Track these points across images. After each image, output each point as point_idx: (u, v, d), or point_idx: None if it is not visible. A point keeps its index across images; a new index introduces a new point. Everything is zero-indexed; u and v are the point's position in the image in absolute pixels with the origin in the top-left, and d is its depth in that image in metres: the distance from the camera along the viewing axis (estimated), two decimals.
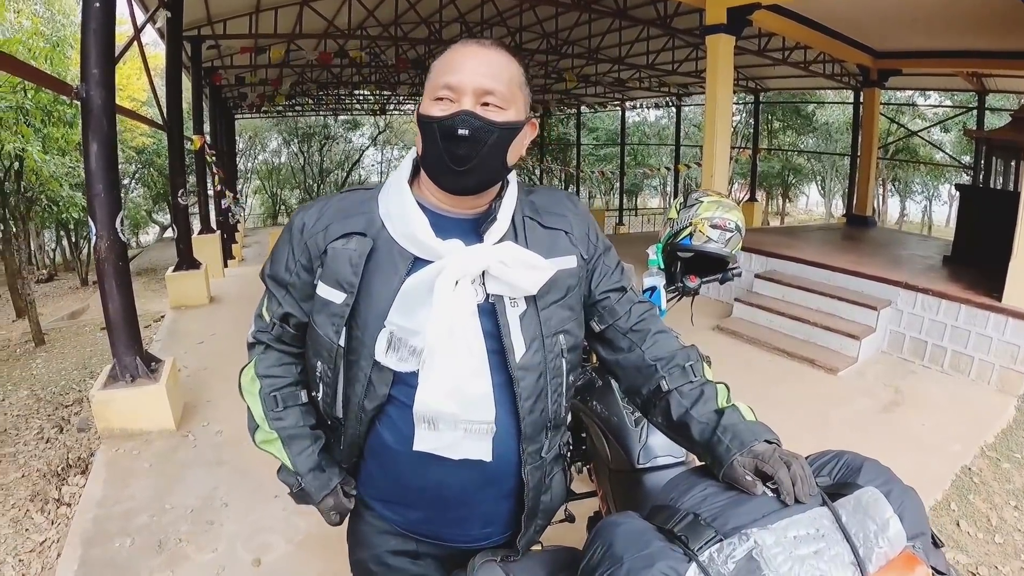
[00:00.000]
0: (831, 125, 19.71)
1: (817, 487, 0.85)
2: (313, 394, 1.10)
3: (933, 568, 0.79)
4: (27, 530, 3.14)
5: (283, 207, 30.33)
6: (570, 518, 1.22)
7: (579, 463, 2.08)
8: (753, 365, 4.95)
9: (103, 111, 3.45)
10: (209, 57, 10.57)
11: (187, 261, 7.35)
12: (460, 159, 0.92)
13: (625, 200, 22.15)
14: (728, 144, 7.19)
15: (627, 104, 18.45)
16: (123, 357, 3.86)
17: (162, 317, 7.17)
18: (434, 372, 0.92)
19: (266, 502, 2.86)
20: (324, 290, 0.98)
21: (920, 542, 0.81)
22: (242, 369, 1.14)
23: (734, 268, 2.07)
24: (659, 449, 1.57)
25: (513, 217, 1.00)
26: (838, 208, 22.73)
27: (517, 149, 0.99)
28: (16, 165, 8.70)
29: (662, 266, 1.94)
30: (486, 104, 0.92)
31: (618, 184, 21.07)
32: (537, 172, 24.77)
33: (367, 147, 31.39)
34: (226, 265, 10.13)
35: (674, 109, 17.70)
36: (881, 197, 21.91)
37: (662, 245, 2.01)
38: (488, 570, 0.97)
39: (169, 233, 22.62)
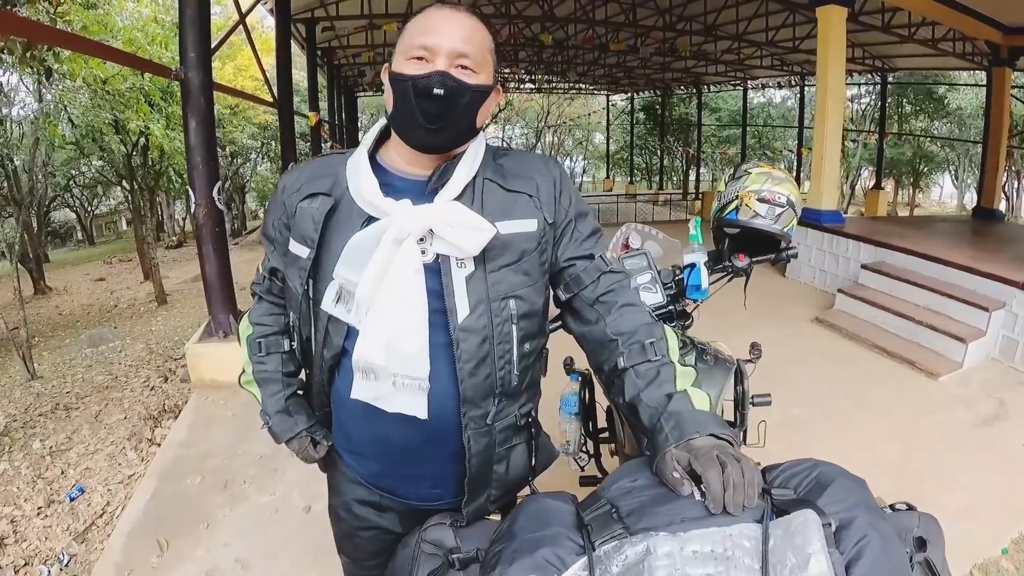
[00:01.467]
0: (964, 110, 17.78)
1: (765, 500, 0.73)
2: (292, 344, 1.15)
3: None
4: (120, 464, 3.50)
5: None
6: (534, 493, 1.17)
7: (612, 445, 2.02)
8: (849, 362, 4.63)
9: (200, 91, 3.75)
10: (326, 38, 11.11)
11: None
12: (432, 117, 0.93)
13: None
14: (840, 125, 6.72)
15: (749, 84, 17.55)
16: (217, 315, 4.19)
17: None
18: (371, 324, 0.93)
19: None
20: (294, 246, 1.03)
21: None
22: (242, 317, 1.23)
23: (790, 249, 1.86)
24: None
25: (474, 179, 0.99)
26: (973, 200, 20.56)
27: (485, 112, 0.99)
28: (143, 141, 9.59)
29: (701, 241, 1.79)
30: (460, 67, 0.93)
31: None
32: (657, 152, 24.27)
33: (488, 124, 31.89)
34: None
35: (799, 90, 16.57)
36: (1011, 189, 19.56)
37: (700, 221, 1.85)
38: (437, 531, 0.96)
39: None
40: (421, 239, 0.94)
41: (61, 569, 2.63)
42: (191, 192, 3.92)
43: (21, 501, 3.23)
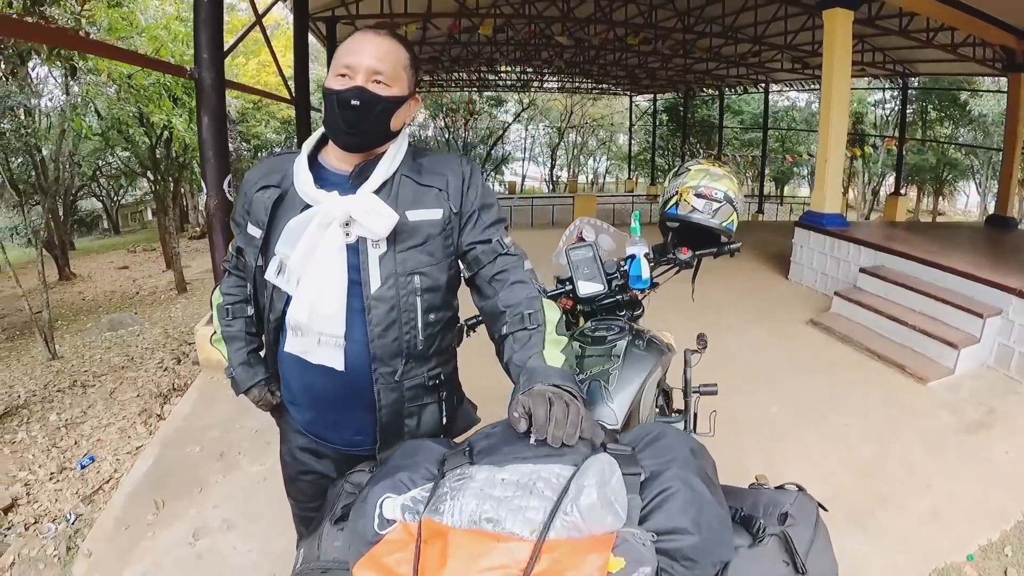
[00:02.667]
0: (987, 116, 17.46)
1: (598, 451, 0.84)
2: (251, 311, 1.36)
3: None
4: (130, 437, 3.73)
5: None
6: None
7: None
8: (838, 366, 4.66)
9: (213, 89, 3.98)
10: (345, 35, 11.27)
11: None
12: (351, 123, 1.14)
13: (774, 188, 20.83)
14: (844, 129, 6.72)
15: (772, 87, 17.50)
16: None
17: None
18: (301, 291, 1.15)
19: None
20: (251, 228, 1.24)
21: (691, 544, 0.75)
22: (214, 288, 1.46)
23: (731, 243, 1.95)
24: (595, 414, 1.53)
25: (394, 175, 1.19)
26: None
27: (401, 117, 1.19)
28: (166, 134, 9.92)
29: (640, 234, 1.90)
30: (375, 82, 1.13)
31: (765, 170, 19.96)
32: (679, 154, 24.15)
33: (511, 123, 32.08)
34: None
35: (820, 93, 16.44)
36: None
37: (639, 214, 1.97)
38: (359, 475, 1.10)
39: None
40: (346, 223, 1.14)
41: (67, 527, 2.84)
42: (204, 184, 4.14)
43: (36, 467, 3.47)
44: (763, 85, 17.36)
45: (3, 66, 5.67)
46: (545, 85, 22.03)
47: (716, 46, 12.50)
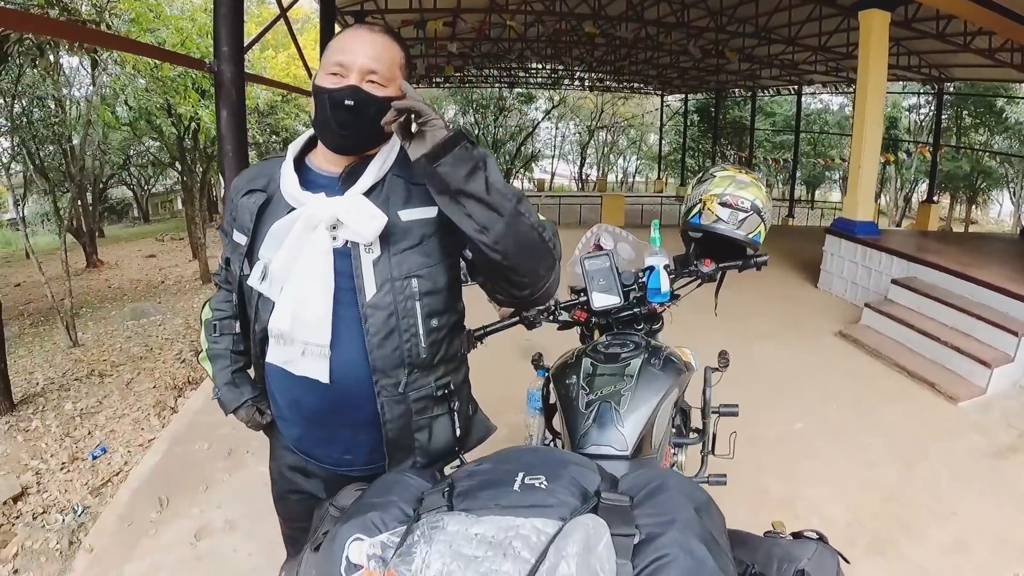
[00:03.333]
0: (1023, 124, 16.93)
1: (590, 502, 0.77)
2: (239, 327, 1.29)
3: None
4: (143, 429, 3.75)
5: None
6: (462, 464, 1.22)
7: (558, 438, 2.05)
8: (865, 380, 4.51)
9: (232, 82, 3.95)
10: None
11: None
12: (344, 124, 1.08)
13: (804, 192, 20.49)
14: (879, 134, 6.54)
15: (804, 89, 17.16)
16: None
17: None
18: (284, 297, 1.09)
19: None
20: (236, 235, 1.19)
21: None
22: (204, 303, 1.39)
23: (758, 256, 1.83)
24: (601, 438, 1.45)
25: (386, 175, 1.12)
26: None
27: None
28: (194, 126, 10.02)
29: (659, 244, 1.77)
30: (370, 82, 1.07)
31: (796, 173, 19.64)
32: (710, 155, 23.91)
33: (541, 120, 31.99)
34: None
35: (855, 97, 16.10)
36: None
37: (658, 223, 1.86)
38: (346, 495, 1.02)
39: None
40: (333, 226, 1.07)
41: (74, 519, 2.85)
42: (222, 178, 4.13)
43: (48, 456, 3.50)
44: (796, 87, 17.02)
45: (19, 60, 5.76)
46: (576, 83, 21.83)
47: (749, 46, 12.29)
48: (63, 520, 2.83)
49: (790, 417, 3.69)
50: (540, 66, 18.04)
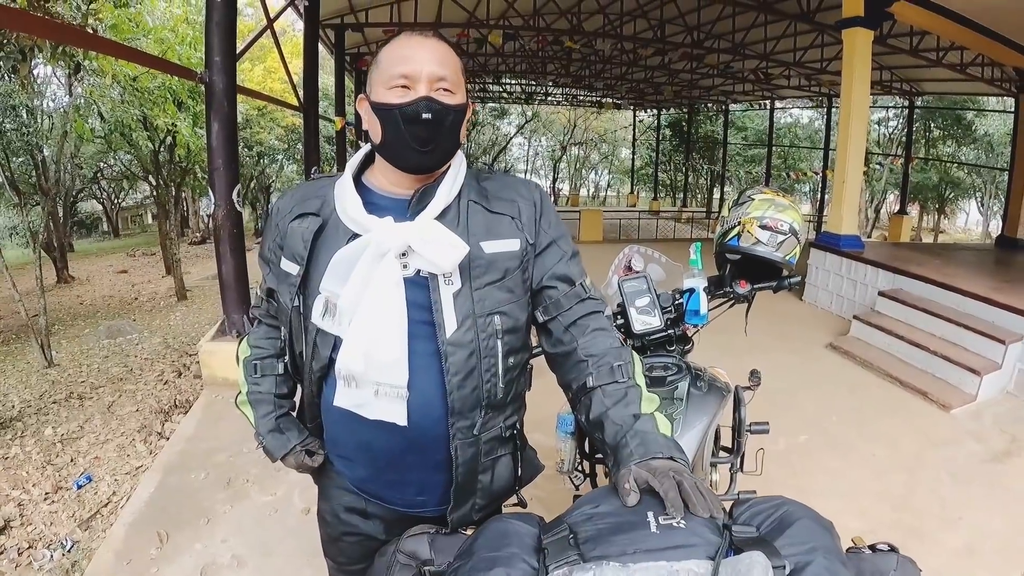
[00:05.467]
0: (992, 136, 17.54)
1: (724, 536, 0.74)
2: (286, 360, 1.18)
3: None
4: (128, 456, 3.58)
5: None
6: (522, 503, 1.17)
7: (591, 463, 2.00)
8: (860, 391, 4.58)
9: (224, 94, 3.84)
10: (355, 43, 11.26)
11: None
12: (424, 140, 0.99)
13: None
14: (863, 149, 6.67)
15: (776, 104, 17.52)
16: (231, 314, 4.25)
17: None
18: (353, 334, 0.98)
19: None
20: (285, 264, 1.08)
21: None
22: (240, 340, 1.26)
23: (792, 277, 1.85)
24: None
25: (457, 200, 1.04)
26: (998, 228, 20.23)
27: (463, 128, 1.06)
28: (169, 139, 9.78)
29: (701, 266, 1.78)
30: (441, 89, 0.99)
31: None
32: (682, 169, 24.26)
33: (514, 135, 32.02)
34: None
35: (826, 111, 16.50)
36: None
37: (700, 245, 1.84)
38: (414, 542, 0.97)
39: None
40: (402, 254, 0.99)
41: (64, 554, 2.69)
42: (211, 193, 4.00)
43: (29, 486, 3.31)
44: (768, 101, 17.38)
45: (2, 65, 5.56)
46: (549, 98, 21.98)
47: (724, 61, 12.50)
48: (51, 556, 2.66)
49: (794, 430, 3.71)
50: (515, 81, 18.11)
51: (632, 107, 24.16)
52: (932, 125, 19.59)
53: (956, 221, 27.88)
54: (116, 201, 22.40)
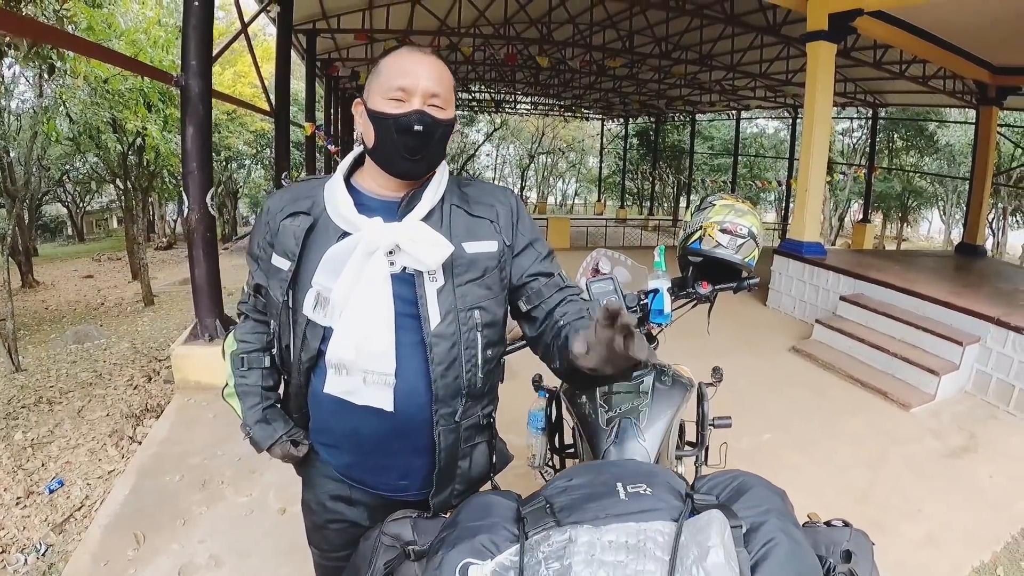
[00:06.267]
0: (953, 146, 18.17)
1: (686, 503, 0.83)
2: (273, 352, 1.24)
3: None
4: (100, 460, 3.54)
5: None
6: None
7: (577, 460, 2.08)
8: (823, 392, 4.72)
9: (200, 98, 3.84)
10: (326, 49, 11.21)
11: None
12: (413, 150, 1.07)
13: None
14: (825, 159, 6.85)
15: (743, 114, 17.88)
16: (204, 318, 4.23)
17: None
18: (343, 325, 1.05)
19: None
20: (276, 259, 1.14)
21: None
22: (227, 334, 1.31)
23: (751, 278, 1.94)
24: (624, 452, 1.53)
25: (441, 204, 1.13)
26: (960, 236, 20.91)
27: (449, 141, 1.16)
28: (139, 142, 9.63)
29: (665, 268, 1.87)
30: (433, 105, 1.07)
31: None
32: (649, 178, 24.54)
33: (482, 143, 32.04)
34: None
35: (791, 121, 16.92)
36: (996, 227, 19.91)
37: (664, 248, 1.93)
38: (397, 525, 1.03)
39: None
40: (390, 252, 1.06)
41: (38, 558, 2.66)
42: (185, 197, 3.99)
43: (1, 490, 3.26)
44: (735, 111, 17.74)
45: None
46: (518, 107, 22.12)
47: (691, 73, 12.75)
48: (25, 560, 2.63)
49: (758, 429, 3.82)
50: (484, 89, 18.18)
51: (600, 117, 24.44)
52: (895, 136, 20.21)
53: (919, 229, 28.68)
54: (81, 205, 21.90)
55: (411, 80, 1.06)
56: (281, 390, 1.29)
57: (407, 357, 1.08)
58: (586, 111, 22.74)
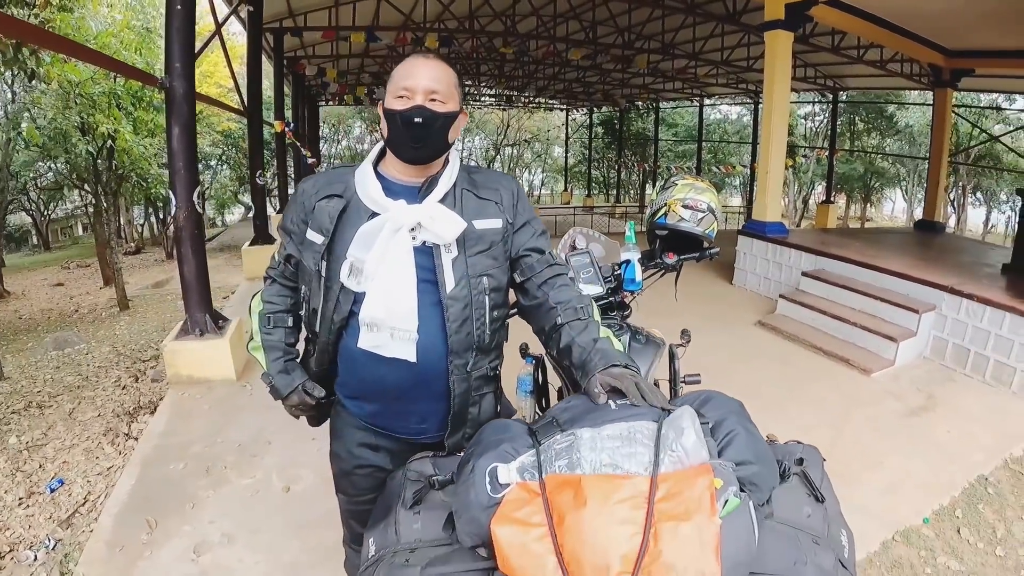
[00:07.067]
0: (913, 128, 18.76)
1: (662, 403, 1.05)
2: (300, 313, 1.44)
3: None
4: (97, 458, 3.62)
5: None
6: None
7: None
8: (788, 361, 4.96)
9: (184, 99, 3.92)
10: (292, 47, 11.17)
11: (263, 236, 7.96)
12: (416, 138, 1.26)
13: None
14: (784, 143, 7.08)
15: (705, 100, 18.18)
16: (194, 313, 4.30)
17: (237, 288, 7.77)
18: (374, 290, 1.25)
19: (304, 443, 3.21)
20: (311, 234, 1.33)
21: (754, 471, 0.96)
22: (253, 295, 1.51)
23: (712, 248, 2.20)
24: None
25: (453, 188, 1.32)
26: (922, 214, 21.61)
27: (455, 130, 1.33)
28: (109, 144, 9.53)
29: (635, 241, 2.10)
30: (432, 100, 1.26)
31: None
32: (615, 166, 24.78)
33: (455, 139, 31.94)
34: None
35: (753, 107, 17.28)
36: (957, 204, 20.65)
37: (634, 224, 2.16)
38: (419, 463, 1.22)
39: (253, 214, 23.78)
40: (412, 229, 1.26)
41: (48, 553, 2.75)
42: (172, 196, 4.05)
43: (2, 492, 3.33)
44: (698, 98, 18.06)
45: None
46: (483, 99, 22.19)
47: (654, 62, 12.95)
48: (35, 556, 2.72)
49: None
50: None
51: (565, 107, 24.64)
52: (856, 118, 20.76)
53: (883, 209, 29.42)
54: (46, 213, 21.39)
55: (413, 80, 1.25)
56: (301, 348, 1.49)
57: (427, 316, 1.27)
58: (551, 102, 22.90)
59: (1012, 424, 3.97)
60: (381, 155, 1.38)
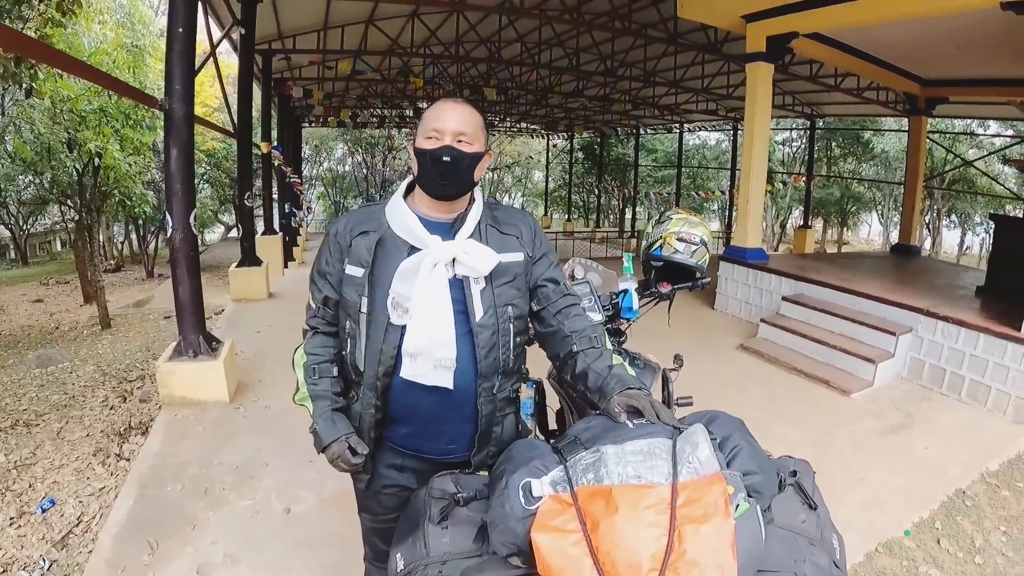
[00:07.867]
0: (888, 153, 19.31)
1: (674, 422, 1.17)
2: (343, 353, 1.48)
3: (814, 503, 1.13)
4: (88, 478, 3.61)
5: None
6: None
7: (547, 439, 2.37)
8: (770, 383, 5.10)
9: (183, 121, 3.98)
10: (279, 68, 11.23)
11: (249, 258, 7.94)
12: (444, 175, 1.37)
13: None
14: (764, 171, 7.28)
15: (685, 127, 18.53)
16: (188, 335, 4.31)
17: (223, 310, 7.73)
18: (417, 322, 1.35)
19: (303, 465, 3.25)
20: (350, 269, 1.42)
21: (758, 480, 1.08)
22: (296, 348, 1.57)
23: (703, 278, 2.35)
24: None
25: (479, 224, 1.43)
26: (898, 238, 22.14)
27: (480, 169, 1.44)
28: (95, 161, 9.48)
29: (632, 272, 2.24)
30: (460, 141, 1.36)
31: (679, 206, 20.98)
32: (595, 191, 25.08)
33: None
34: (286, 265, 10.72)
35: (732, 133, 17.66)
36: (932, 227, 21.23)
37: (631, 255, 2.30)
38: (443, 481, 1.30)
39: (233, 233, 23.54)
40: (447, 264, 1.36)
41: (43, 573, 2.75)
42: (168, 217, 4.09)
43: None
44: (678, 125, 18.42)
45: None
46: None
47: (635, 89, 13.24)
48: None
49: None
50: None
51: (545, 133, 24.98)
52: (833, 144, 21.32)
53: (859, 233, 30.08)
54: (25, 227, 21.07)
55: (442, 123, 1.36)
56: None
57: (460, 345, 1.37)
58: (532, 127, 23.20)
59: (987, 440, 4.15)
60: (407, 193, 1.47)
